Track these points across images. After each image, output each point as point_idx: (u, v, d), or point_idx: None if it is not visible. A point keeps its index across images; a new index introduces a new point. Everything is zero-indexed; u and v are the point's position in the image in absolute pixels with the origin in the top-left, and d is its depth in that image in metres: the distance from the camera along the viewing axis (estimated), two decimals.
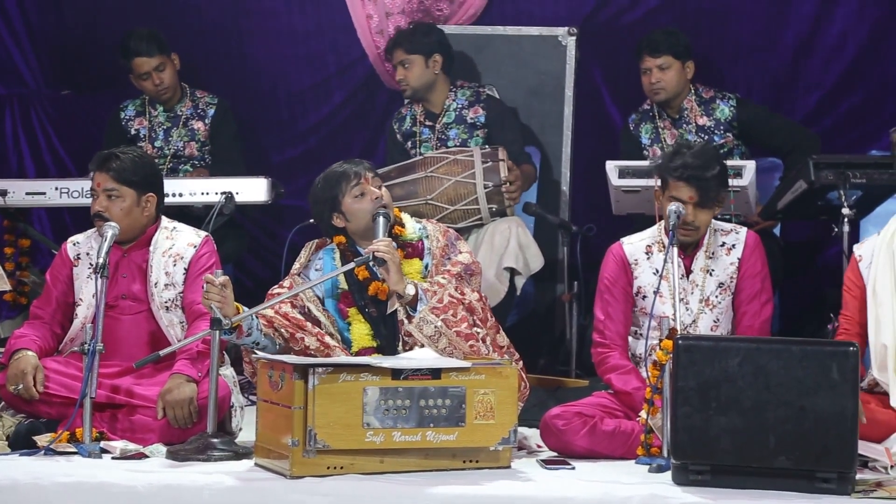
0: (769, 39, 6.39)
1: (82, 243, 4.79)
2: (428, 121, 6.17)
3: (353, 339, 4.58)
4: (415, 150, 6.15)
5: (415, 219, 4.78)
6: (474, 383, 4.08)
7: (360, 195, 4.62)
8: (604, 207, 5.85)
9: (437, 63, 6.10)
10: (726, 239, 4.66)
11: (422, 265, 4.65)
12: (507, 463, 4.14)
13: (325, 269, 4.68)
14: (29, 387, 4.46)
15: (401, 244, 4.64)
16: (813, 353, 3.82)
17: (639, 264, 4.65)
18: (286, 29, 6.75)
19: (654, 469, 4.09)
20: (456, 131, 6.11)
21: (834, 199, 5.20)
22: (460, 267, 4.61)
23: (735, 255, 4.64)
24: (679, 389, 3.88)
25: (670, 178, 4.54)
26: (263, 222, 6.73)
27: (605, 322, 4.64)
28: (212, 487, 3.89)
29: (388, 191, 4.71)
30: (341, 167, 4.68)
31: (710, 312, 4.60)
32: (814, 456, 3.78)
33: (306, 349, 4.45)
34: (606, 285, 4.67)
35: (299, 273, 4.70)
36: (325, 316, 4.62)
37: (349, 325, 4.61)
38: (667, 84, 5.92)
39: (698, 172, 4.51)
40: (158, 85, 6.29)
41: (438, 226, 4.77)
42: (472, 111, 6.12)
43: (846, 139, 6.24)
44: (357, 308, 4.61)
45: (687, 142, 4.62)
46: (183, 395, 4.43)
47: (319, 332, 4.53)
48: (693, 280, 4.61)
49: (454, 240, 4.72)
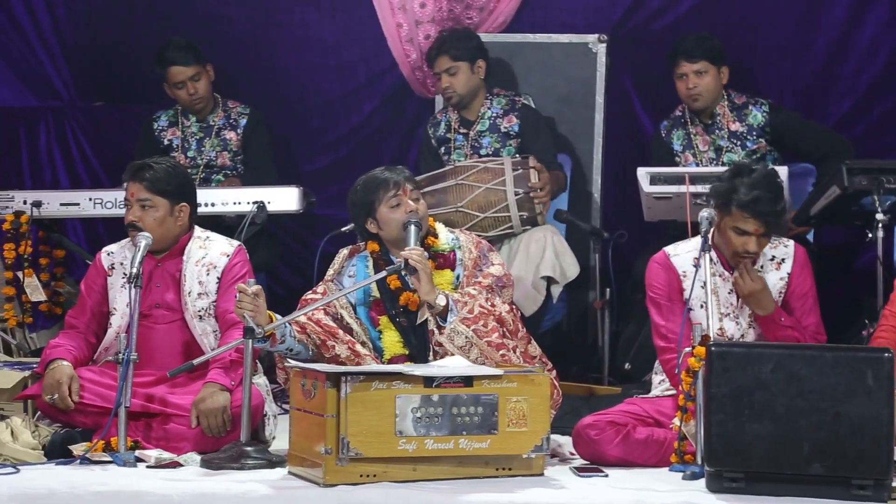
0: (800, 45, 6.36)
1: (116, 253, 4.81)
2: (462, 128, 6.17)
3: (385, 347, 4.59)
4: (448, 157, 6.16)
5: (448, 229, 4.78)
6: (507, 391, 4.08)
7: (396, 206, 4.63)
8: (635, 214, 5.83)
9: (481, 69, 6.11)
10: (775, 252, 4.59)
11: (453, 276, 4.65)
12: (541, 470, 4.14)
13: (358, 275, 4.69)
14: (64, 397, 4.48)
15: (432, 255, 4.64)
16: (847, 360, 3.80)
17: (687, 276, 4.56)
18: (316, 39, 6.78)
19: (687, 476, 4.08)
20: (489, 139, 6.12)
21: (868, 205, 5.17)
22: (491, 279, 4.60)
23: (784, 270, 4.58)
24: (712, 396, 3.87)
25: (738, 210, 4.41)
26: (295, 231, 6.75)
27: (667, 326, 4.54)
28: (246, 496, 3.90)
29: (425, 203, 4.71)
30: (382, 174, 4.68)
31: (758, 327, 4.55)
32: (849, 463, 3.76)
33: (336, 357, 4.46)
34: (660, 293, 4.60)
35: (333, 279, 4.72)
36: (358, 323, 4.63)
37: (380, 334, 4.62)
38: (704, 89, 5.89)
39: (770, 207, 4.39)
40: (193, 94, 6.33)
41: (471, 237, 4.76)
42: (507, 120, 6.12)
43: (879, 144, 6.20)
44: (388, 317, 4.62)
45: (744, 165, 4.49)
46: (216, 403, 4.44)
47: (351, 339, 4.54)
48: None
49: (487, 251, 4.71)
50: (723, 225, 4.48)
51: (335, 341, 4.50)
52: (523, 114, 6.13)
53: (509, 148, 6.08)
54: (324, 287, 4.68)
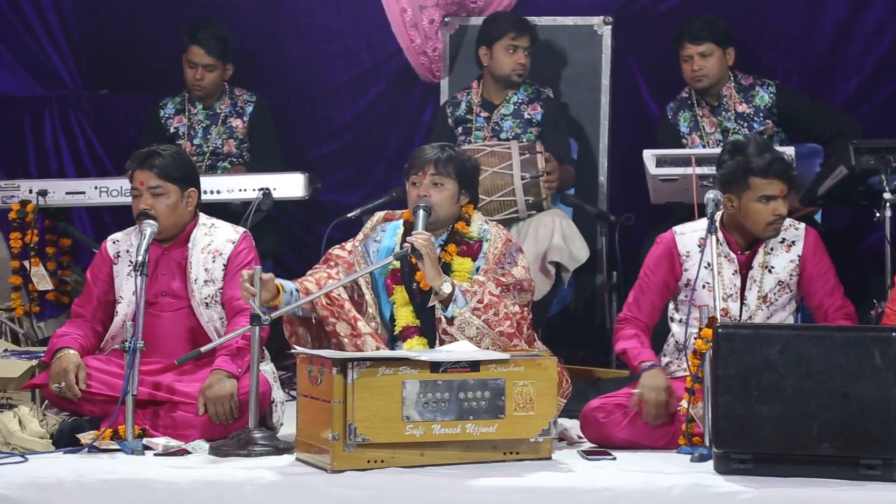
0: (807, 26, 6.34)
1: (122, 241, 4.81)
2: (484, 111, 6.16)
3: (398, 317, 4.59)
4: (464, 137, 6.14)
5: (486, 219, 4.76)
6: (513, 375, 4.07)
7: (413, 185, 4.64)
8: (642, 197, 5.82)
9: None
10: (786, 235, 4.57)
11: (473, 266, 4.62)
12: (548, 454, 4.13)
13: (383, 243, 4.70)
14: (71, 385, 4.49)
15: (457, 240, 4.63)
16: (855, 340, 3.79)
17: (690, 256, 4.58)
18: (321, 25, 6.77)
19: (696, 458, 4.07)
20: (511, 124, 6.11)
21: (875, 184, 5.15)
22: (511, 279, 4.57)
23: (795, 252, 4.56)
24: (720, 378, 3.86)
25: (759, 178, 4.42)
26: (301, 218, 6.75)
27: (630, 306, 4.67)
28: (253, 482, 3.90)
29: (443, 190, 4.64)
30: (424, 150, 4.70)
31: (766, 309, 4.54)
32: (858, 443, 3.75)
33: (337, 335, 4.47)
34: (646, 272, 4.66)
35: (361, 242, 4.73)
36: (371, 294, 4.63)
37: (394, 304, 4.61)
38: (709, 71, 5.88)
39: (785, 164, 4.46)
40: (198, 80, 6.32)
41: (503, 233, 4.71)
42: (531, 108, 6.12)
43: (887, 124, 6.17)
44: (405, 286, 4.61)
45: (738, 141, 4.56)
46: (223, 390, 4.44)
47: (356, 315, 4.54)
48: (752, 276, 4.54)
49: (515, 251, 4.66)
50: (744, 203, 4.46)
51: (336, 319, 4.50)
52: (547, 104, 6.13)
53: (529, 135, 6.07)
54: (352, 245, 4.71)
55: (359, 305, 4.64)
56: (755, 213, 4.46)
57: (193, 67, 6.32)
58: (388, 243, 4.70)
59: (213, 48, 6.30)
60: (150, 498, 3.89)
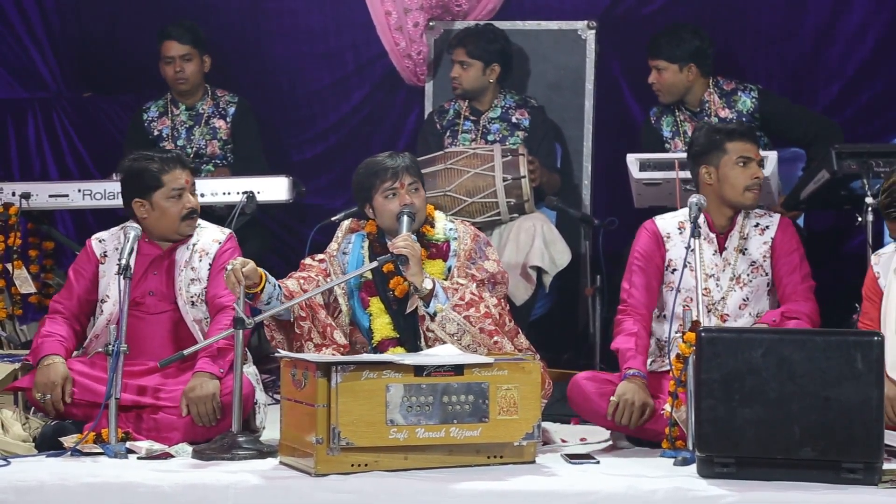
0: (788, 30, 6.36)
1: (108, 241, 4.81)
2: (472, 116, 6.17)
3: (375, 330, 4.60)
4: (452, 140, 6.15)
5: (449, 219, 4.77)
6: (497, 379, 4.08)
7: (392, 196, 4.63)
8: (625, 201, 5.83)
9: (494, 72, 6.09)
10: (760, 220, 4.73)
11: (445, 267, 4.65)
12: (532, 458, 4.14)
13: (352, 254, 4.72)
14: (57, 401, 4.49)
15: (425, 244, 4.64)
16: (837, 343, 3.81)
17: (671, 238, 4.71)
18: (305, 27, 6.76)
19: (679, 462, 4.09)
20: (498, 126, 6.11)
21: (857, 189, 5.17)
22: (485, 274, 4.60)
23: (768, 235, 4.70)
24: (703, 382, 3.87)
25: (735, 141, 4.63)
26: (285, 221, 6.74)
27: (629, 291, 4.68)
28: (237, 486, 3.90)
29: (423, 194, 4.69)
30: (383, 161, 4.69)
31: (739, 290, 4.63)
32: (839, 446, 3.77)
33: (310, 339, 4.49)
34: (637, 258, 4.71)
35: (334, 253, 4.74)
36: (346, 303, 4.63)
37: (370, 316, 4.62)
38: (662, 86, 5.92)
39: (746, 128, 4.78)
40: (178, 72, 6.32)
41: (470, 229, 4.75)
42: (519, 113, 6.12)
43: (868, 129, 6.20)
44: (380, 298, 4.62)
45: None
46: (206, 391, 4.44)
47: (331, 324, 4.54)
48: (725, 258, 4.65)
49: (483, 245, 4.70)
50: (722, 170, 4.64)
51: (311, 323, 4.50)
52: (534, 112, 6.14)
53: (516, 138, 6.07)
54: (322, 256, 4.71)
55: (334, 310, 4.65)
56: (734, 177, 4.63)
57: (171, 62, 6.32)
58: (357, 253, 4.70)
59: (185, 37, 6.31)
60: (134, 501, 3.88)
